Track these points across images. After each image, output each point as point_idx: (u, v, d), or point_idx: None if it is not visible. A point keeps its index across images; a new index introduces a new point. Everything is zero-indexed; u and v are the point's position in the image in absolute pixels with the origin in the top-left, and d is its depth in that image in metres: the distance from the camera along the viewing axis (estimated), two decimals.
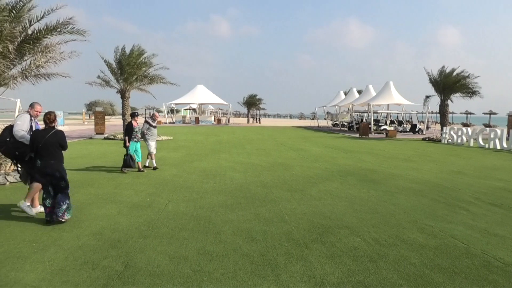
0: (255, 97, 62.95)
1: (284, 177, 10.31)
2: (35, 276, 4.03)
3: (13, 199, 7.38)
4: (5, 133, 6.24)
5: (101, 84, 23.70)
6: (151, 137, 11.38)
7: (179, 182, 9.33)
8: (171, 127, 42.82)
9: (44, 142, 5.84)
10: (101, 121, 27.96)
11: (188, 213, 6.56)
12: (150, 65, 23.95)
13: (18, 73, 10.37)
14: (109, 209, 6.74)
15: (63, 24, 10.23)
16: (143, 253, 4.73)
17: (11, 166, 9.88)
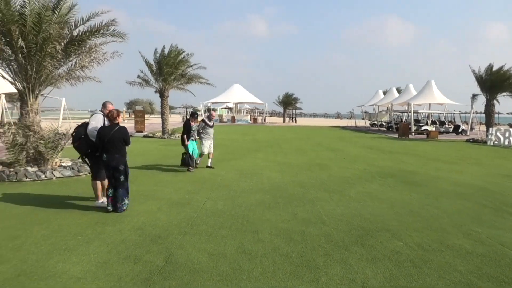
0: (291, 97, 62.61)
1: (322, 178, 10.18)
2: (80, 268, 4.17)
3: (59, 193, 7.70)
4: (81, 130, 6.67)
5: (141, 83, 24.37)
6: (207, 137, 11.22)
7: (216, 181, 9.41)
8: None
9: (109, 137, 6.21)
10: (140, 119, 28.71)
11: (226, 211, 6.60)
12: (188, 64, 24.36)
13: (64, 73, 10.81)
14: (150, 206, 6.89)
15: (105, 25, 10.55)
16: (182, 249, 4.79)
17: (57, 162, 10.32)
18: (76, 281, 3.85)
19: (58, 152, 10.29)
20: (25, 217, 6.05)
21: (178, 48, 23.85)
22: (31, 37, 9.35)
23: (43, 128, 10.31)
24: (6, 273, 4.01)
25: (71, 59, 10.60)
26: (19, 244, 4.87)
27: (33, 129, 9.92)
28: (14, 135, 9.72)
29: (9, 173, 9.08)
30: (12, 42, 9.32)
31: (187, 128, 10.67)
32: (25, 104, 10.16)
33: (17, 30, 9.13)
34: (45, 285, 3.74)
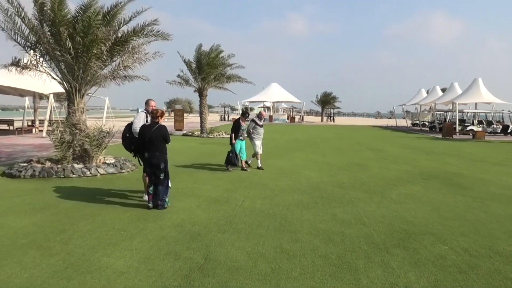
0: (330, 95, 61.83)
1: (362, 178, 9.97)
2: (123, 263, 4.29)
3: (103, 190, 7.98)
4: (126, 129, 6.95)
5: (181, 83, 24.84)
6: (257, 136, 11.09)
7: (254, 179, 9.43)
8: None
9: (150, 135, 6.38)
10: (180, 118, 29.30)
11: (264, 210, 6.60)
12: (227, 64, 24.59)
13: (108, 73, 11.19)
14: (189, 203, 7.00)
15: (148, 25, 10.81)
16: (222, 247, 4.83)
17: (101, 159, 10.70)
18: (119, 275, 3.96)
19: (102, 150, 10.67)
20: (72, 212, 6.30)
21: (218, 48, 24.12)
22: (78, 39, 9.74)
23: (88, 127, 10.72)
24: (55, 265, 4.19)
25: (115, 60, 10.95)
26: (67, 237, 5.08)
27: (79, 128, 10.34)
28: (62, 133, 10.17)
29: (57, 169, 9.51)
30: (60, 43, 9.75)
31: (236, 126, 10.63)
32: (72, 103, 10.61)
33: (66, 31, 9.54)
34: (91, 278, 3.88)
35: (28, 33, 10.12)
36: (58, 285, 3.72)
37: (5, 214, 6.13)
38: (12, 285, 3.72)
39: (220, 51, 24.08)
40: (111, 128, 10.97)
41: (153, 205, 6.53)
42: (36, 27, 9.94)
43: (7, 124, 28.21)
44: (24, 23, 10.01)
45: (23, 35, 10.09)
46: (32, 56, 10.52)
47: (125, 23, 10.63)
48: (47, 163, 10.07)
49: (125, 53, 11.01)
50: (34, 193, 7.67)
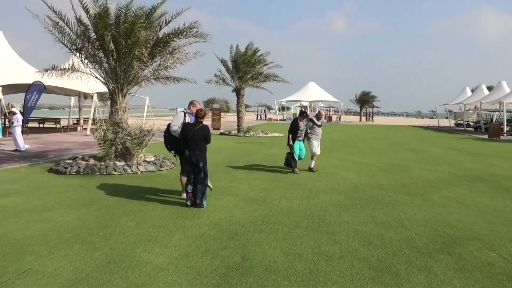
0: (368, 94, 60.66)
1: (402, 180, 9.69)
2: (163, 259, 4.37)
3: (144, 187, 8.19)
4: (167, 128, 7.07)
5: (218, 82, 25.12)
6: (315, 136, 10.78)
7: (291, 179, 9.38)
8: (282, 124, 43.55)
9: (192, 134, 6.51)
10: (217, 117, 29.64)
11: (302, 211, 6.54)
12: (264, 63, 24.63)
13: (149, 73, 11.48)
14: (226, 202, 7.05)
15: (188, 27, 10.98)
16: (259, 247, 4.82)
17: (142, 157, 10.99)
18: (159, 272, 4.04)
19: (142, 148, 10.96)
20: (114, 208, 6.51)
21: (254, 47, 24.22)
22: (121, 41, 10.05)
23: (130, 125, 11.04)
24: (99, 259, 4.33)
25: (156, 60, 11.21)
26: (109, 233, 5.24)
27: (121, 126, 10.68)
28: (105, 132, 10.53)
29: (100, 166, 9.85)
30: (104, 46, 10.10)
31: (294, 127, 10.31)
32: (114, 102, 10.97)
33: (109, 34, 9.86)
34: (132, 274, 3.98)
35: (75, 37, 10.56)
36: (102, 279, 3.84)
37: (52, 209, 6.41)
38: (59, 277, 3.88)
39: (256, 49, 24.15)
40: (151, 127, 11.24)
41: (192, 203, 6.62)
42: (82, 31, 10.35)
43: (54, 122, 29.60)
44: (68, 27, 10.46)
45: (70, 38, 10.55)
46: (78, 58, 10.98)
47: (165, 24, 10.85)
48: (91, 160, 10.46)
49: (166, 54, 11.25)
50: (79, 189, 7.98)
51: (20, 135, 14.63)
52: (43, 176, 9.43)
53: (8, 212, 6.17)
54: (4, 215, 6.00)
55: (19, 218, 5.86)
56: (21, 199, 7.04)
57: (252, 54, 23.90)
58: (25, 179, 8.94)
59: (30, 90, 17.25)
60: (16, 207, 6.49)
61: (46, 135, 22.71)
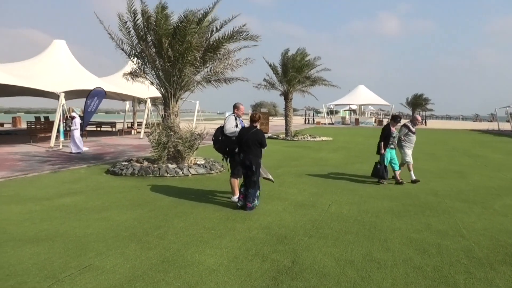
0: (421, 97, 58.36)
1: (459, 186, 9.23)
2: (214, 261, 4.46)
3: (194, 189, 8.39)
4: (218, 132, 7.29)
5: (266, 86, 25.23)
6: (409, 145, 9.75)
7: (341, 184, 9.23)
8: (330, 128, 42.99)
9: (246, 138, 6.68)
10: (265, 121, 29.78)
11: (352, 216, 6.42)
12: (312, 67, 24.45)
13: (200, 78, 11.78)
14: (276, 205, 7.07)
15: (238, 32, 11.14)
16: (309, 251, 4.79)
17: (192, 160, 11.27)
18: (211, 273, 4.12)
19: (193, 151, 11.25)
20: (167, 209, 6.72)
21: (303, 51, 24.11)
22: (176, 47, 10.40)
23: (181, 129, 11.37)
24: (153, 258, 4.50)
25: (207, 66, 11.49)
26: (162, 233, 5.42)
27: (173, 130, 11.02)
28: (159, 135, 10.92)
29: (154, 168, 10.22)
30: (161, 52, 10.50)
31: (386, 134, 9.39)
32: (167, 107, 11.35)
33: (167, 41, 10.24)
34: (185, 273, 4.10)
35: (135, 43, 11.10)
36: (156, 277, 3.99)
37: (110, 208, 6.74)
38: (117, 274, 4.07)
39: (305, 54, 24.03)
40: (202, 130, 11.52)
41: (242, 205, 6.72)
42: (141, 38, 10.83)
43: (110, 126, 31.09)
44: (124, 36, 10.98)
45: (131, 44, 11.10)
46: (135, 64, 11.50)
47: (216, 31, 11.08)
48: (145, 163, 10.87)
49: (216, 59, 11.49)
50: (134, 190, 8.32)
51: (78, 138, 15.53)
52: (101, 177, 9.93)
53: (70, 211, 6.56)
54: (67, 213, 6.39)
55: (80, 217, 6.21)
56: (82, 199, 7.47)
57: (301, 59, 23.81)
58: (85, 180, 9.46)
59: (91, 96, 18.24)
60: (77, 206, 6.88)
61: (103, 138, 23.91)
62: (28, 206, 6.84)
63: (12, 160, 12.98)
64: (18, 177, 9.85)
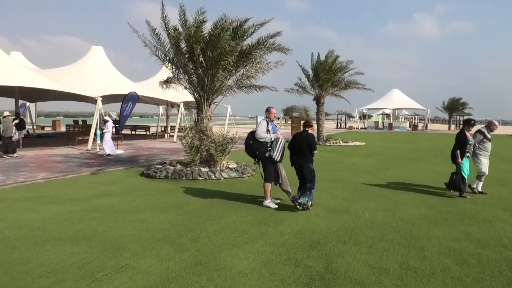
0: (459, 101, 56.47)
1: (500, 194, 8.85)
2: (247, 264, 4.46)
3: (227, 193, 8.45)
4: (249, 137, 7.38)
5: (298, 90, 25.12)
6: (484, 153, 8.81)
7: (375, 190, 9.05)
8: (363, 132, 42.30)
9: (298, 142, 6.97)
10: (297, 125, 29.68)
11: (387, 223, 6.27)
12: (345, 70, 24.17)
13: (233, 82, 11.89)
14: (308, 211, 7.00)
15: (270, 37, 11.18)
16: (342, 258, 4.71)
17: (224, 164, 11.36)
18: (243, 276, 4.13)
19: (225, 155, 11.34)
20: (200, 212, 6.80)
21: (335, 54, 23.88)
22: (208, 53, 10.55)
23: (214, 133, 11.50)
24: (187, 260, 4.55)
25: (239, 70, 11.58)
26: (195, 236, 5.48)
27: (206, 134, 11.16)
28: (192, 139, 11.08)
29: (187, 172, 10.37)
30: (193, 58, 10.68)
31: (462, 140, 8.40)
32: (200, 111, 11.51)
33: (199, 48, 10.41)
34: (218, 276, 4.12)
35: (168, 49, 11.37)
36: (190, 279, 4.03)
37: (144, 210, 6.89)
38: (152, 275, 4.14)
39: (336, 56, 23.78)
40: (234, 134, 11.60)
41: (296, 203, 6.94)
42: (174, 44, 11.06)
43: (144, 129, 31.84)
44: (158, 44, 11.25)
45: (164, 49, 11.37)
46: (169, 69, 11.75)
47: (249, 36, 11.16)
48: (178, 166, 11.05)
49: (248, 64, 11.57)
50: (167, 192, 8.47)
51: (110, 141, 16.01)
52: (136, 179, 10.16)
53: (107, 212, 6.75)
54: (104, 214, 6.58)
55: (117, 218, 6.38)
56: (118, 200, 7.67)
57: (332, 62, 23.59)
58: (120, 182, 9.71)
59: (126, 100, 18.76)
60: (113, 207, 7.07)
61: (138, 141, 24.51)
62: (67, 207, 7.09)
63: (52, 162, 13.51)
64: (58, 178, 10.24)
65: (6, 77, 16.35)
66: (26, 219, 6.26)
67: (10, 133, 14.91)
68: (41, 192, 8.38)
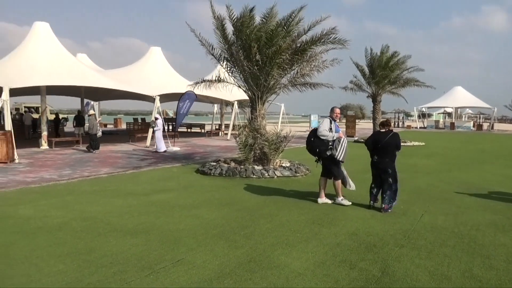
0: None
1: None
2: (300, 264, 4.42)
3: (280, 191, 8.44)
4: (311, 134, 7.40)
5: (353, 88, 24.52)
6: None
7: (435, 193, 8.63)
8: (422, 132, 40.55)
9: (384, 142, 6.79)
10: (352, 124, 29.05)
11: (448, 228, 5.95)
12: (403, 67, 23.27)
13: (287, 80, 11.84)
14: (363, 212, 6.83)
15: (326, 34, 10.99)
16: (400, 262, 4.54)
17: (278, 162, 11.36)
18: (297, 276, 4.10)
19: (279, 153, 11.33)
20: (253, 210, 6.85)
21: (392, 50, 23.04)
22: (264, 51, 10.59)
23: (267, 131, 11.53)
24: (240, 257, 4.60)
25: (294, 68, 11.52)
26: (249, 233, 5.53)
27: (260, 132, 11.22)
28: (245, 137, 11.20)
29: (240, 169, 10.49)
30: (250, 56, 10.78)
31: None
32: (254, 109, 11.59)
33: (256, 46, 10.48)
34: (271, 275, 4.12)
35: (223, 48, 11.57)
36: (244, 276, 4.07)
37: (200, 206, 7.06)
38: (207, 269, 4.23)
39: (394, 52, 22.90)
40: (287, 133, 11.56)
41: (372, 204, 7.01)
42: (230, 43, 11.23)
43: (199, 127, 32.65)
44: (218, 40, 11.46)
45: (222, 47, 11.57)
46: (224, 68, 11.95)
47: (304, 33, 11.05)
48: (232, 164, 11.21)
49: (303, 62, 11.46)
50: (222, 189, 8.62)
51: (160, 139, 16.57)
52: (191, 176, 10.45)
53: (164, 207, 7.00)
54: (161, 209, 6.83)
55: (173, 213, 6.59)
56: (174, 196, 7.92)
57: (389, 58, 22.76)
58: (177, 178, 10.03)
59: (183, 99, 19.32)
60: (170, 202, 7.32)
61: (193, 139, 25.19)
62: (128, 201, 7.43)
63: (114, 158, 14.25)
64: (119, 173, 10.78)
65: (74, 78, 17.47)
66: (90, 211, 6.65)
67: (95, 131, 16.09)
68: (104, 186, 8.86)
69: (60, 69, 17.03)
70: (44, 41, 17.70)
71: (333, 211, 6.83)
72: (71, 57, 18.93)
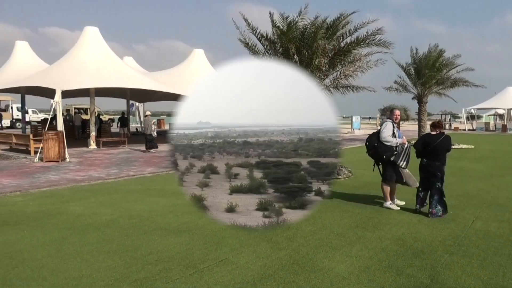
0: None
1: None
2: (344, 268, 4.33)
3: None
4: (373, 138, 7.16)
5: (398, 89, 23.80)
6: None
7: (487, 198, 8.20)
8: (471, 134, 38.75)
9: (435, 145, 6.57)
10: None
11: (503, 236, 5.62)
12: (451, 66, 22.33)
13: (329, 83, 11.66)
14: (409, 216, 6.61)
15: (371, 35, 10.72)
16: (450, 270, 4.34)
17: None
18: (341, 280, 4.02)
19: None
20: None
21: (439, 49, 22.13)
22: (304, 52, 10.50)
23: None
24: (283, 259, 4.57)
25: (337, 69, 11.33)
26: (292, 235, 5.48)
27: None
28: None
29: None
30: (288, 58, 10.72)
31: None
32: None
33: (293, 47, 10.42)
34: (315, 278, 4.07)
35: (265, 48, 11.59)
36: (287, 278, 4.04)
37: None
38: (250, 270, 4.23)
39: (441, 51, 21.99)
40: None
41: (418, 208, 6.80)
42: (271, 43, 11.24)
43: None
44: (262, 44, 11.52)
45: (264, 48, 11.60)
46: None
47: (349, 35, 10.82)
48: None
49: (346, 63, 11.26)
50: None
51: None
52: None
53: None
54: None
55: None
56: None
57: (436, 57, 21.89)
58: None
59: None
60: None
61: None
62: (172, 200, 7.59)
63: (158, 158, 14.63)
64: (163, 173, 11.05)
65: (121, 80, 18.14)
66: (136, 209, 6.85)
67: (150, 131, 16.70)
68: (149, 186, 9.10)
69: (108, 72, 17.73)
70: (94, 45, 18.48)
71: (377, 215, 6.66)
72: (118, 60, 19.64)
